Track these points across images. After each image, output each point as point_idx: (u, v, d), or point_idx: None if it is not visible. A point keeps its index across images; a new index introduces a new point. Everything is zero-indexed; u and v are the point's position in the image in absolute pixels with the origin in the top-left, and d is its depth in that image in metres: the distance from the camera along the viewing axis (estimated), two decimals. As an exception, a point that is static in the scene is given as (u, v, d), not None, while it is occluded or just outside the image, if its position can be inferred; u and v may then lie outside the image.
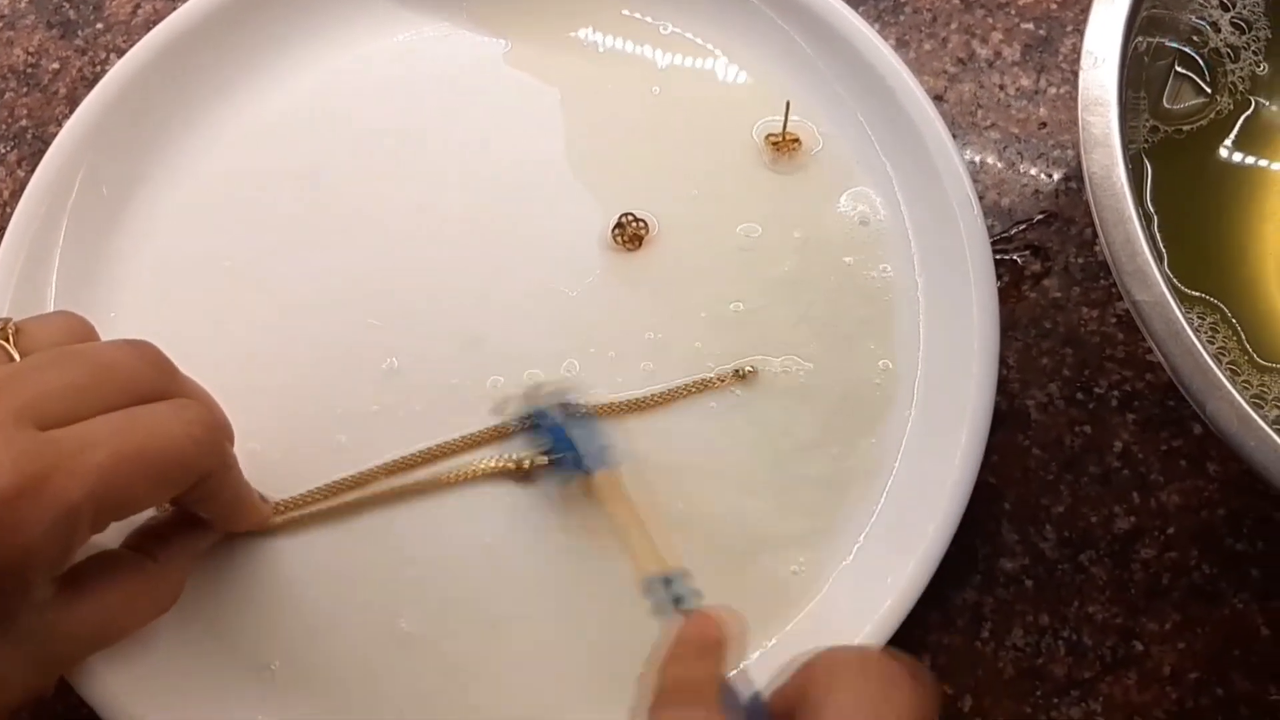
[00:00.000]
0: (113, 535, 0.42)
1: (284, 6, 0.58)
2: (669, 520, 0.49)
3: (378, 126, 0.57)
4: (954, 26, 0.59)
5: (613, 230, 0.53)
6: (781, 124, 0.55)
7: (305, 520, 0.51)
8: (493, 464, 0.51)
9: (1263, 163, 0.48)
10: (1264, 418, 0.38)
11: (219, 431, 0.42)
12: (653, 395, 0.51)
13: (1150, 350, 0.45)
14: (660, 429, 0.51)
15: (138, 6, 0.63)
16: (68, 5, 0.63)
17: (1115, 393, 0.52)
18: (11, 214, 0.53)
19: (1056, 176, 0.56)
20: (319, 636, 0.49)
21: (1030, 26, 0.59)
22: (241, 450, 0.45)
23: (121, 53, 0.58)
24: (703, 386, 0.51)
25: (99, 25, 0.63)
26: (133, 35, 0.62)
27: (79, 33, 0.63)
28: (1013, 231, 0.55)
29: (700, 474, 0.51)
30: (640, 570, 0.43)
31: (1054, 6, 0.59)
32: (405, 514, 0.51)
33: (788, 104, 0.55)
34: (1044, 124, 0.57)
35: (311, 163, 0.56)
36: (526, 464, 0.50)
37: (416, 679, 0.49)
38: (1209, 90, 0.48)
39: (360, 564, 0.50)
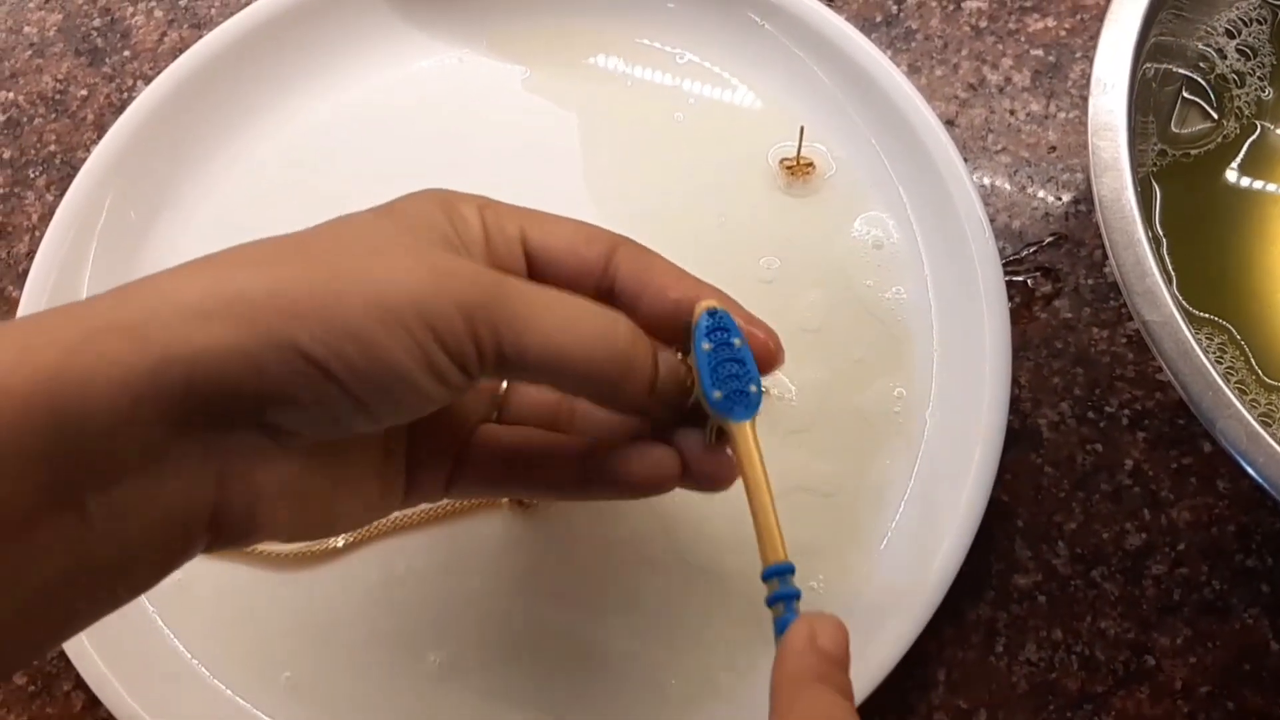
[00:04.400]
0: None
1: (307, 35, 0.59)
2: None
3: (399, 151, 0.58)
4: (965, 53, 0.60)
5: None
6: (795, 148, 0.56)
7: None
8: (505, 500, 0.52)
9: (1269, 186, 0.48)
10: (1272, 435, 0.39)
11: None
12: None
13: (1160, 369, 0.46)
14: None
15: (164, 34, 0.64)
16: (96, 33, 0.65)
17: (1126, 411, 0.53)
18: (41, 238, 0.55)
19: (1066, 199, 0.57)
20: (335, 651, 0.50)
21: (1040, 53, 0.60)
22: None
23: (148, 80, 0.59)
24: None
25: (126, 53, 0.64)
26: (159, 63, 0.63)
27: (107, 60, 0.64)
28: (1024, 253, 0.56)
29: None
30: (771, 550, 0.37)
31: (1063, 33, 0.60)
32: (408, 542, 0.52)
33: (801, 129, 0.56)
34: (1054, 148, 0.58)
35: (335, 188, 0.57)
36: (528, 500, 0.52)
37: (437, 700, 0.49)
38: (1216, 115, 0.49)
39: (366, 585, 0.51)
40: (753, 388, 0.38)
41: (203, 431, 0.31)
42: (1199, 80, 0.49)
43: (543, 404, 0.43)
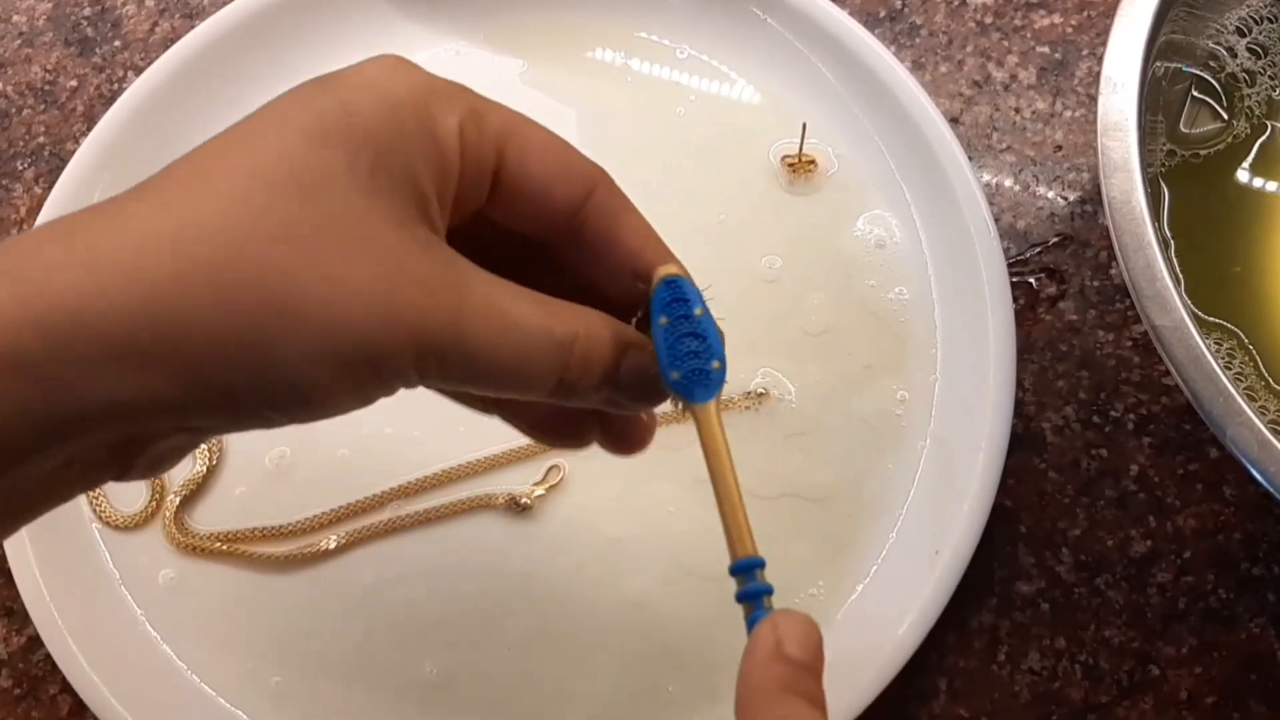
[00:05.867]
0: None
1: (301, 26, 0.58)
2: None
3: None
4: (970, 50, 0.60)
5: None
6: (798, 145, 0.55)
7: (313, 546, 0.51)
8: (500, 499, 0.51)
9: (1279, 187, 0.48)
10: (1284, 443, 0.38)
11: None
12: (666, 414, 0.51)
13: (1166, 373, 0.45)
14: (670, 450, 0.51)
15: (155, 24, 0.63)
16: (86, 23, 0.64)
17: (1131, 416, 0.52)
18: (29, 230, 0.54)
19: (1072, 199, 0.56)
20: (326, 656, 0.49)
21: (1046, 50, 0.59)
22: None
23: (139, 70, 0.58)
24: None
25: (117, 43, 0.63)
26: (150, 53, 0.62)
27: (97, 50, 0.63)
28: (1028, 254, 0.55)
29: (710, 495, 0.51)
30: (739, 544, 0.34)
31: (1069, 30, 0.60)
32: (402, 542, 0.51)
33: (804, 126, 0.55)
34: (1059, 147, 0.57)
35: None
36: (524, 500, 0.51)
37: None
38: (1226, 115, 0.48)
39: (359, 585, 0.51)
40: (715, 364, 0.35)
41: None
42: (1209, 79, 0.49)
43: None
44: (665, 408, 0.36)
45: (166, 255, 0.27)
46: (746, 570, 0.34)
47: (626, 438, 0.38)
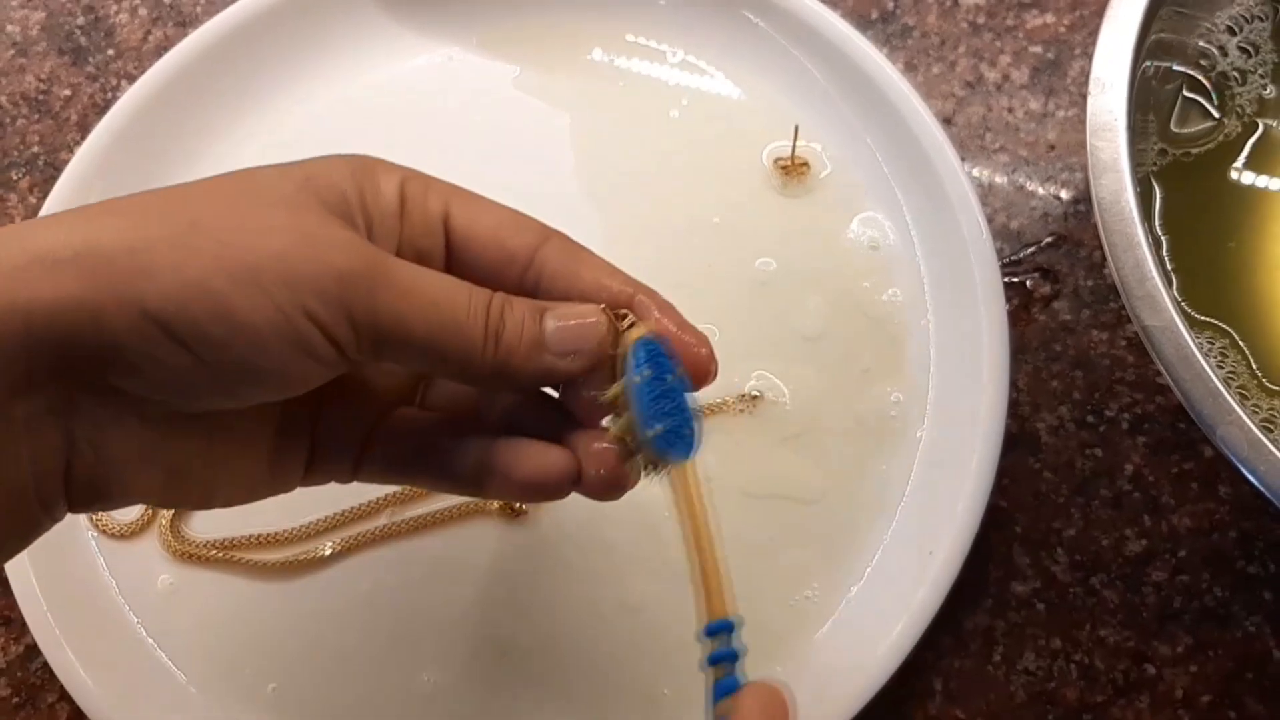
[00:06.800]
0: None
1: (293, 33, 0.59)
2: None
3: (388, 151, 0.57)
4: (962, 50, 0.60)
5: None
6: (790, 148, 0.55)
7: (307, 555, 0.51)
8: (495, 506, 0.51)
9: (1271, 185, 0.48)
10: (1274, 442, 0.38)
11: None
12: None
13: (1160, 373, 0.45)
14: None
15: (148, 33, 0.63)
16: (79, 32, 0.64)
17: (1126, 416, 0.52)
18: (24, 241, 0.54)
19: (1065, 199, 0.56)
20: (322, 663, 0.49)
21: (1038, 50, 0.59)
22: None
23: (132, 79, 0.58)
24: (711, 411, 0.51)
25: (110, 52, 0.63)
26: (144, 62, 0.62)
27: (90, 59, 0.63)
28: (1022, 254, 0.55)
29: (708, 497, 0.51)
30: (711, 607, 0.34)
31: (1062, 30, 0.60)
32: (398, 548, 0.51)
33: (796, 128, 0.55)
34: (1052, 146, 0.57)
35: (322, 188, 0.56)
36: (519, 506, 0.51)
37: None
38: (1217, 114, 0.48)
39: (355, 591, 0.51)
40: (692, 426, 0.34)
41: (49, 391, 0.30)
42: (1200, 78, 0.49)
43: (460, 395, 0.40)
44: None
45: (94, 212, 0.31)
46: (718, 633, 0.34)
47: (601, 482, 0.37)
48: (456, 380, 0.37)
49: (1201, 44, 0.49)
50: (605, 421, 0.36)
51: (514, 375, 0.34)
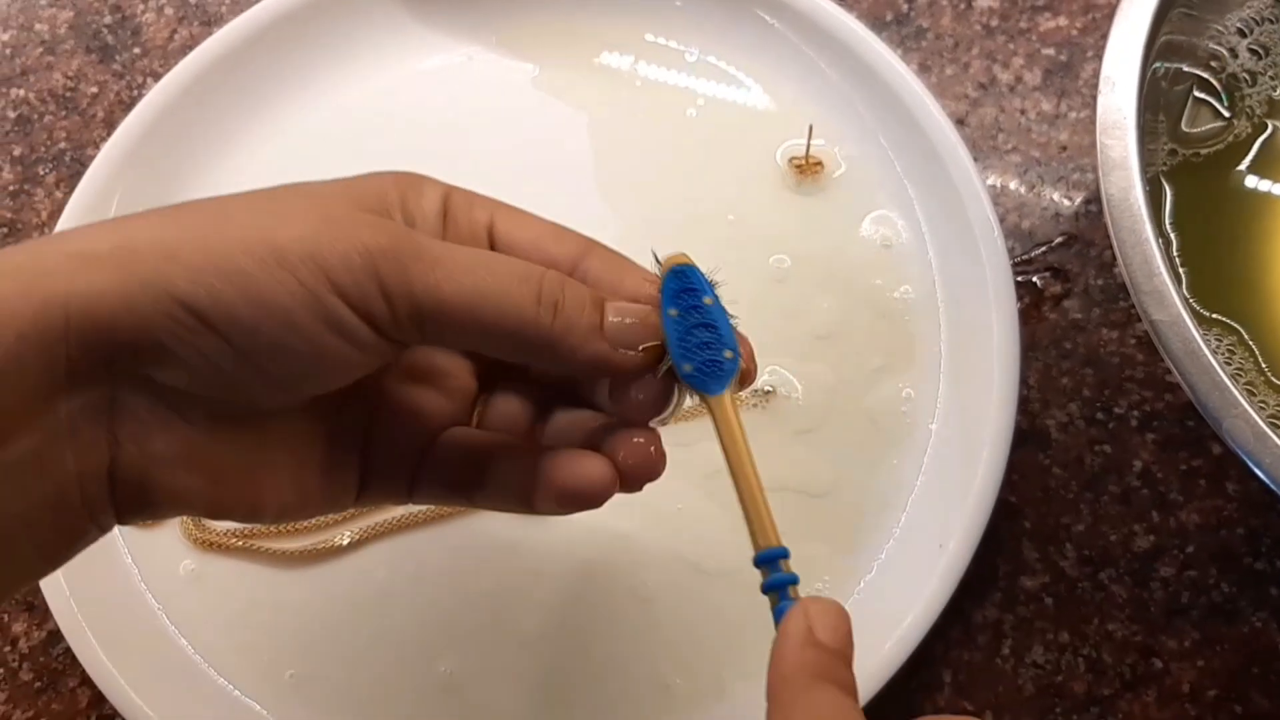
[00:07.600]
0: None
1: (316, 32, 0.59)
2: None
3: (409, 149, 0.58)
4: (975, 52, 0.60)
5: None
6: (805, 147, 0.56)
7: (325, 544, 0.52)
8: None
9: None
10: (1280, 435, 0.39)
11: None
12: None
13: (1169, 371, 0.46)
14: (679, 446, 0.51)
15: (174, 32, 0.64)
16: (106, 31, 0.65)
17: (1135, 413, 0.53)
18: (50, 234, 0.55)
19: (1077, 199, 0.57)
20: (340, 650, 0.50)
21: (1051, 52, 0.60)
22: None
23: (158, 77, 0.59)
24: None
25: (136, 50, 0.64)
26: (169, 60, 0.63)
27: (117, 57, 0.64)
28: (1033, 254, 0.56)
29: (719, 491, 0.51)
30: (761, 535, 0.34)
31: (1075, 32, 0.60)
32: (414, 538, 0.52)
33: (810, 127, 0.56)
34: (1064, 147, 0.58)
35: (343, 185, 0.57)
36: None
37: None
38: (1227, 114, 0.49)
39: (372, 580, 0.51)
40: (727, 354, 0.34)
41: (91, 388, 0.30)
42: (1210, 79, 0.49)
43: (517, 415, 0.40)
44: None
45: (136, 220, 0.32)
46: (770, 561, 0.34)
47: (637, 467, 0.37)
48: (509, 358, 0.36)
49: (1212, 45, 0.49)
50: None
51: (571, 354, 0.34)
